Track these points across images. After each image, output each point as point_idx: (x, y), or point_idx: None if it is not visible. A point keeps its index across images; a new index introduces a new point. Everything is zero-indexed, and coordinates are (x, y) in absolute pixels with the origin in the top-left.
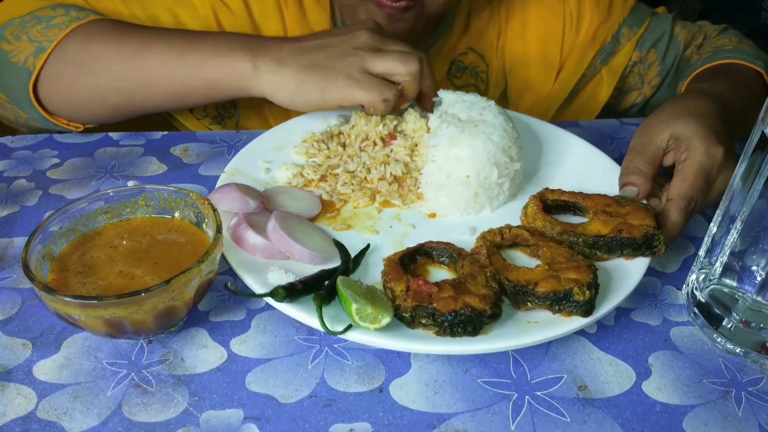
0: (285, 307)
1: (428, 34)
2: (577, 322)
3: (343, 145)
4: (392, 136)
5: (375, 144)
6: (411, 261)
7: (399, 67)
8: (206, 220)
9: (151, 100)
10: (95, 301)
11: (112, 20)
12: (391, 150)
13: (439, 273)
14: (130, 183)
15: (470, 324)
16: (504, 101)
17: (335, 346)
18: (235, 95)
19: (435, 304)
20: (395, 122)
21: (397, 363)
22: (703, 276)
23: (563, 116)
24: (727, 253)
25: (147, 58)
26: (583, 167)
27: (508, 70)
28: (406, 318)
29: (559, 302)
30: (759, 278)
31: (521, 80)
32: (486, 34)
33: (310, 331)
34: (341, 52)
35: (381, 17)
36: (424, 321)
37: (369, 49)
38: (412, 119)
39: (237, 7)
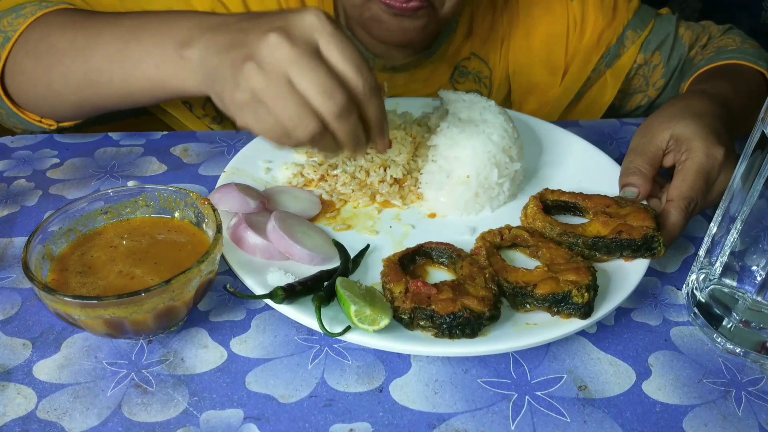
0: (284, 309)
1: (431, 39)
2: (576, 323)
3: None
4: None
5: (367, 152)
6: (410, 262)
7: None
8: (206, 220)
9: (103, 99)
10: (95, 301)
11: (76, 9)
12: (388, 157)
13: (439, 274)
14: (130, 183)
15: (468, 326)
16: (507, 105)
17: (335, 346)
18: (175, 96)
19: (433, 306)
20: None
21: (397, 363)
22: (703, 276)
23: (567, 119)
24: (727, 253)
25: (94, 52)
26: (583, 167)
27: (512, 74)
28: (404, 320)
29: (558, 304)
30: (759, 278)
31: (525, 84)
32: (489, 38)
33: (310, 331)
34: (243, 55)
35: (388, 17)
36: (422, 323)
37: (282, 67)
38: (396, 145)
39: (236, 8)
